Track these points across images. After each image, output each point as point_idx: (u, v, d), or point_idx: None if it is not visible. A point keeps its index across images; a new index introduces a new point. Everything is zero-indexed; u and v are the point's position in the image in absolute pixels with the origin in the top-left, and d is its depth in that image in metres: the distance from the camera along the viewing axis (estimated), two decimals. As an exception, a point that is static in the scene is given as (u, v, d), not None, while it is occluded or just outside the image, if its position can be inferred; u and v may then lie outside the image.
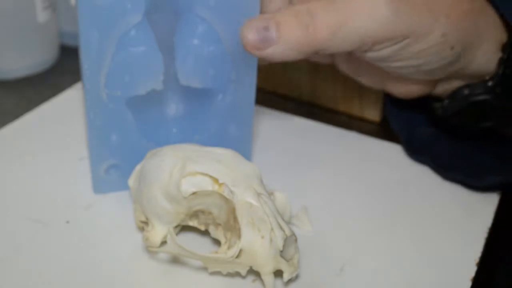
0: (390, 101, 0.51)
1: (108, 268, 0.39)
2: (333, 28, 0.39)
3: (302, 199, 0.44)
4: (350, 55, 0.48)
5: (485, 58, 0.43)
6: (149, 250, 0.38)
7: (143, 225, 0.40)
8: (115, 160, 0.43)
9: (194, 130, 0.44)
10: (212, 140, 0.44)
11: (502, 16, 0.43)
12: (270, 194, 0.40)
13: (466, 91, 0.45)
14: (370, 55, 0.42)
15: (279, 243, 0.36)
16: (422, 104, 0.49)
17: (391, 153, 0.51)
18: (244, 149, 0.45)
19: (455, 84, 0.46)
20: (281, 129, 0.53)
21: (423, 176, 0.48)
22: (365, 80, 0.49)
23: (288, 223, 0.41)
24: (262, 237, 0.36)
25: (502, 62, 0.43)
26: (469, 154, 0.47)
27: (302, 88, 0.58)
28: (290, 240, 0.37)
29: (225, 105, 0.44)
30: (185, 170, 0.37)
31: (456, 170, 0.47)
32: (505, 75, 0.43)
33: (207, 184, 0.38)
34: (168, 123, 0.45)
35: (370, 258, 0.41)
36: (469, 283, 0.39)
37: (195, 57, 0.41)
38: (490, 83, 0.44)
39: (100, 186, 0.44)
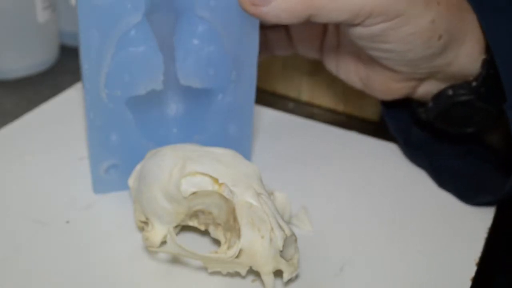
0: (385, 104, 0.51)
1: (108, 268, 0.39)
2: None
3: (302, 199, 0.44)
4: (338, 49, 0.48)
5: (468, 59, 0.44)
6: (149, 250, 0.38)
7: (143, 225, 0.40)
8: (115, 160, 0.43)
9: (194, 130, 0.44)
10: (212, 140, 0.44)
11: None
12: (270, 194, 0.40)
13: (450, 92, 0.45)
14: (361, 31, 0.42)
15: (279, 243, 0.36)
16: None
17: (391, 153, 0.51)
18: (244, 149, 0.45)
19: (436, 85, 0.46)
20: (281, 129, 0.53)
21: (423, 176, 0.48)
22: (348, 76, 0.49)
23: (288, 223, 0.41)
24: (262, 237, 0.36)
25: (485, 63, 0.43)
26: (461, 172, 0.48)
27: (302, 88, 0.58)
28: (290, 240, 0.37)
29: (225, 105, 0.44)
30: (185, 170, 0.37)
31: (449, 184, 0.47)
32: (489, 76, 0.44)
33: (207, 184, 0.38)
34: (168, 123, 0.45)
35: (370, 258, 0.41)
36: (469, 283, 0.39)
37: (195, 57, 0.41)
38: (474, 84, 0.44)
39: (100, 186, 0.44)
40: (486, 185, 0.46)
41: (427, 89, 0.47)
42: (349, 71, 0.49)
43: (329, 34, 0.49)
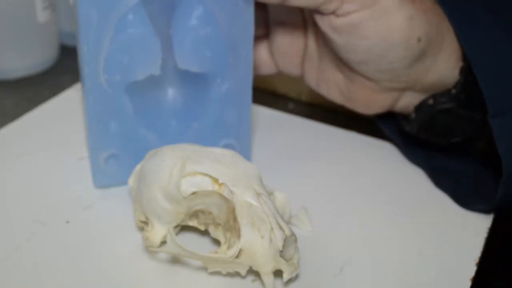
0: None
1: (108, 268, 0.39)
2: None
3: (302, 199, 0.44)
4: (319, 63, 0.48)
5: (446, 65, 0.44)
6: (149, 250, 0.38)
7: (143, 225, 0.40)
8: (115, 149, 0.43)
9: (192, 118, 0.44)
10: (210, 127, 0.44)
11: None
12: (270, 194, 0.40)
13: (431, 101, 0.45)
14: (337, 21, 0.42)
15: (279, 243, 0.36)
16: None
17: (391, 153, 0.51)
18: (243, 136, 0.45)
19: (417, 97, 0.46)
20: (281, 129, 0.53)
21: (423, 176, 0.48)
22: (328, 90, 0.49)
23: (288, 223, 0.41)
24: (262, 237, 0.36)
25: (463, 70, 0.44)
26: (458, 174, 0.48)
27: (302, 88, 0.58)
28: (290, 240, 0.37)
29: (223, 91, 0.43)
30: (185, 170, 0.37)
31: (445, 184, 0.47)
32: (467, 82, 0.44)
33: (207, 184, 0.38)
34: (166, 112, 0.45)
35: (370, 258, 0.41)
36: (469, 283, 0.39)
37: (192, 39, 0.41)
38: (454, 91, 0.44)
39: (100, 178, 0.44)
40: (481, 191, 0.46)
41: (408, 101, 0.47)
42: (329, 85, 0.49)
43: (310, 48, 0.49)
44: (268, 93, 0.59)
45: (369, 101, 0.47)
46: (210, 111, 0.44)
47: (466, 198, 0.45)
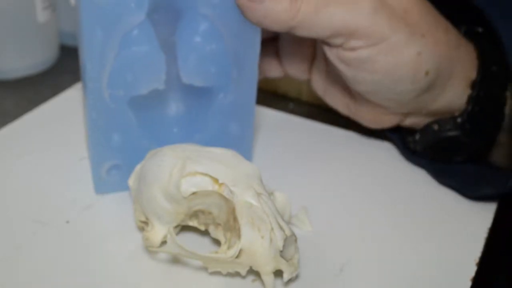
0: None
1: (108, 268, 0.39)
2: (318, 6, 0.40)
3: (302, 199, 0.44)
4: (327, 75, 0.48)
5: (454, 94, 0.44)
6: (149, 250, 0.38)
7: (143, 225, 0.40)
8: (117, 160, 0.43)
9: (195, 129, 0.44)
10: (213, 139, 0.44)
11: (479, 49, 0.44)
12: (270, 194, 0.40)
13: (435, 127, 0.46)
14: (346, 54, 0.42)
15: (279, 243, 0.36)
16: None
17: (391, 153, 0.51)
18: (245, 148, 0.45)
19: (422, 119, 0.46)
20: (281, 129, 0.53)
21: (423, 176, 0.48)
22: (335, 103, 0.50)
23: (288, 223, 0.41)
24: (262, 237, 0.36)
25: (471, 99, 0.44)
26: (462, 170, 0.48)
27: (302, 88, 0.58)
28: (290, 240, 0.37)
29: (226, 104, 0.44)
30: (185, 170, 0.37)
31: (451, 178, 0.47)
32: (474, 112, 0.44)
33: (207, 184, 0.38)
34: (169, 122, 0.45)
35: (370, 258, 0.41)
36: (469, 283, 0.39)
37: (197, 55, 0.41)
38: (459, 120, 0.44)
39: (101, 187, 0.44)
40: (488, 179, 0.46)
41: (413, 122, 0.47)
42: (336, 99, 0.49)
43: (318, 56, 0.49)
44: (268, 93, 0.59)
45: (375, 119, 0.47)
46: (213, 123, 0.44)
47: (473, 186, 0.45)
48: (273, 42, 0.49)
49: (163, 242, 0.38)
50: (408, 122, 0.47)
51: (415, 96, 0.44)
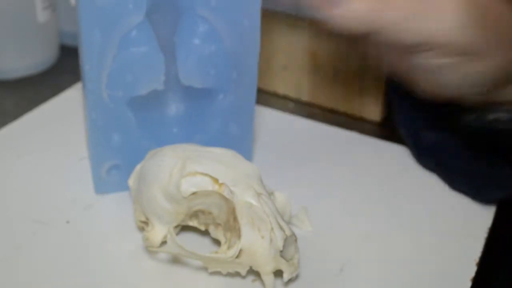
0: (397, 105, 0.50)
1: (108, 268, 0.39)
2: (407, 13, 0.37)
3: (302, 199, 0.44)
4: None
5: None
6: (149, 250, 0.38)
7: (143, 225, 0.40)
8: (117, 160, 0.43)
9: (195, 130, 0.44)
10: (213, 139, 0.44)
11: None
12: (270, 194, 0.40)
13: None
14: (432, 62, 0.39)
15: (279, 243, 0.36)
16: (429, 107, 0.47)
17: (391, 153, 0.51)
18: (245, 148, 0.45)
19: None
20: (281, 129, 0.53)
21: (423, 176, 0.48)
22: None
23: (288, 223, 0.41)
24: (262, 237, 0.36)
25: None
26: (474, 167, 0.47)
27: (302, 88, 0.58)
28: (290, 240, 0.37)
29: (226, 105, 0.44)
30: (185, 170, 0.37)
31: (460, 182, 0.46)
32: None
33: (207, 184, 0.38)
34: (169, 123, 0.45)
35: (370, 258, 0.41)
36: (469, 283, 0.39)
37: (196, 57, 0.41)
38: None
39: (101, 187, 0.44)
40: (497, 181, 0.45)
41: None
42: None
43: None
44: (268, 93, 0.59)
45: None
46: (213, 123, 0.44)
47: (484, 190, 0.45)
48: None
49: (163, 242, 0.38)
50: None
51: (492, 87, 0.41)
